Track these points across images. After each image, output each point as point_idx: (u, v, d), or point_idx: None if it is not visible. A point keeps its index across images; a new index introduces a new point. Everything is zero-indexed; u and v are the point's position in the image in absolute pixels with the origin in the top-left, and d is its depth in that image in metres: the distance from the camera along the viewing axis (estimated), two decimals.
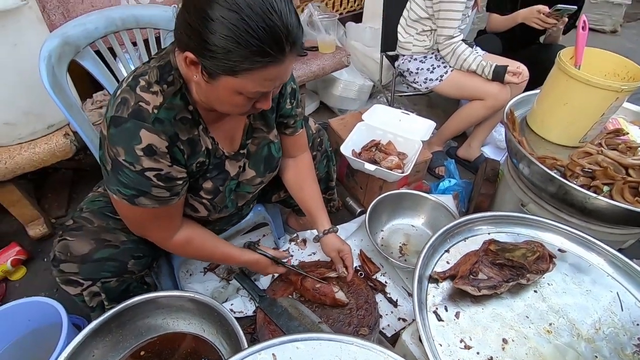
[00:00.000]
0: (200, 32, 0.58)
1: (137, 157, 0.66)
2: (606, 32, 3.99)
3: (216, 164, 0.84)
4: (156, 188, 0.71)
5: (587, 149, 1.04)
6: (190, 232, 0.88)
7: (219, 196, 0.87)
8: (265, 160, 0.94)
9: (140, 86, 0.68)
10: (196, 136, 0.77)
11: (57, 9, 1.35)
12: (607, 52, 1.15)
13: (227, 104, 0.69)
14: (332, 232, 1.09)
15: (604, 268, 0.89)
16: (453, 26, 1.60)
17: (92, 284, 0.82)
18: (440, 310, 0.79)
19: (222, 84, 0.63)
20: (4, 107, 1.14)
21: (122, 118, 0.66)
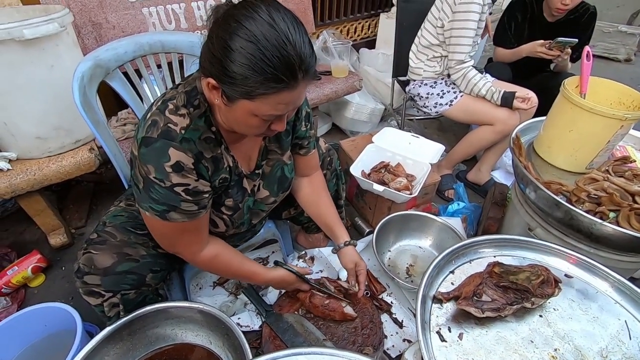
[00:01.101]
0: (221, 60, 0.64)
1: (166, 173, 0.72)
2: (620, 60, 4.00)
3: (236, 180, 0.90)
4: (185, 202, 0.76)
5: (593, 175, 1.05)
6: (217, 248, 0.92)
7: (238, 212, 0.92)
8: (279, 181, 0.99)
9: (169, 109, 0.74)
10: (219, 154, 0.83)
11: (90, 34, 1.46)
12: (612, 82, 1.18)
13: (244, 125, 0.74)
14: (351, 245, 1.12)
15: (611, 295, 0.88)
16: (464, 51, 1.65)
17: (113, 296, 0.86)
18: (443, 330, 0.79)
19: (239, 107, 0.69)
20: (37, 123, 1.22)
21: (152, 138, 0.72)
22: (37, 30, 1.08)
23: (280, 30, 0.62)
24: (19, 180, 1.22)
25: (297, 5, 2.06)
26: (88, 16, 1.44)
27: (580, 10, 1.81)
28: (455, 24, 1.62)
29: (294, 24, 0.64)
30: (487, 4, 1.62)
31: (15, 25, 1.04)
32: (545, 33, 1.79)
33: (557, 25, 1.83)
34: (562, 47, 1.69)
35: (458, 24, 1.61)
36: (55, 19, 1.13)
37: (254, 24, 0.61)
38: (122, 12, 1.52)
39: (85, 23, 1.44)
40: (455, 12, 1.60)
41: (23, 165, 1.25)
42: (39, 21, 1.08)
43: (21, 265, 1.35)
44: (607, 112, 1.01)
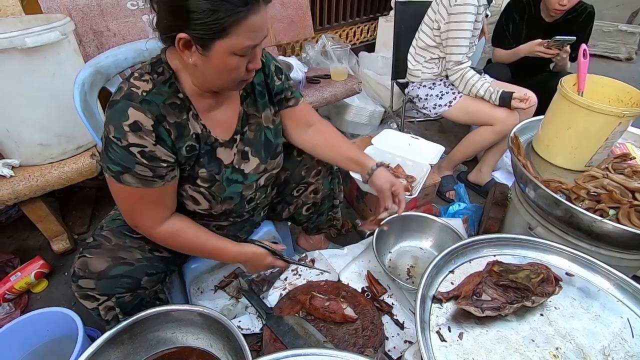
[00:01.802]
0: (181, 5, 0.65)
1: (124, 132, 0.73)
2: (621, 59, 3.99)
3: (207, 150, 0.88)
4: (139, 165, 0.76)
5: (592, 173, 1.04)
6: (180, 224, 0.90)
7: (216, 185, 0.90)
8: (265, 145, 0.98)
9: (134, 77, 0.78)
10: (184, 120, 0.82)
11: (92, 42, 1.49)
12: (610, 79, 1.18)
13: (225, 70, 0.75)
14: (382, 166, 1.08)
15: (613, 293, 0.87)
16: (461, 52, 1.66)
17: (108, 299, 0.87)
18: (443, 330, 0.79)
19: (216, 51, 0.70)
20: (39, 130, 1.24)
21: (115, 100, 0.75)
22: (39, 39, 1.10)
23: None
24: (22, 186, 1.23)
25: (296, 11, 2.08)
26: (89, 24, 1.46)
27: (578, 9, 1.81)
28: (452, 26, 1.63)
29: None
30: (482, 5, 1.63)
31: (17, 34, 1.06)
32: (543, 33, 1.80)
33: (555, 25, 1.84)
34: (561, 46, 1.69)
35: (454, 25, 1.62)
36: (56, 28, 1.14)
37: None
38: (123, 19, 1.54)
39: (86, 31, 1.46)
40: (451, 13, 1.61)
41: (25, 171, 1.27)
42: (41, 30, 1.10)
43: (24, 271, 1.36)
44: (604, 110, 1.01)
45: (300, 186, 1.20)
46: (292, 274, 1.33)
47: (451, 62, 1.71)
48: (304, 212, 1.27)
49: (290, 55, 2.34)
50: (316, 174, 1.19)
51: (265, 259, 1.05)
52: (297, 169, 1.16)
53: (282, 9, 2.02)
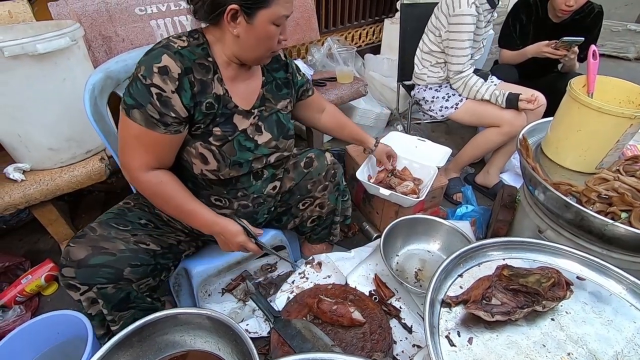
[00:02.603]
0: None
1: (151, 72, 0.80)
2: (630, 59, 3.94)
3: (224, 113, 0.94)
4: (151, 106, 0.81)
5: (603, 175, 1.03)
6: (165, 177, 0.91)
7: (227, 145, 0.94)
8: (277, 125, 1.04)
9: (172, 36, 0.88)
10: (209, 79, 0.89)
11: (101, 47, 1.50)
12: (620, 80, 1.16)
13: (265, 39, 0.86)
14: (380, 143, 1.46)
15: (626, 298, 0.86)
16: (461, 62, 1.66)
17: (89, 289, 0.88)
18: (452, 335, 0.78)
19: (259, 19, 0.82)
20: (50, 135, 1.26)
21: (153, 49, 0.84)
22: (49, 45, 1.11)
23: None
24: (33, 190, 1.25)
25: (302, 14, 2.08)
26: (98, 30, 1.48)
27: (586, 10, 1.79)
28: (451, 35, 1.63)
29: None
30: (485, 10, 1.62)
31: (28, 41, 1.07)
32: (550, 34, 1.78)
33: (562, 26, 1.82)
34: (569, 47, 1.68)
35: (453, 35, 1.62)
36: (66, 34, 1.16)
37: None
38: (131, 25, 1.56)
39: (95, 37, 1.48)
40: (450, 23, 1.62)
41: (36, 176, 1.28)
42: (51, 36, 1.12)
43: (35, 274, 1.38)
44: (615, 111, 1.00)
45: (306, 200, 1.22)
46: (299, 277, 1.33)
47: (452, 71, 1.72)
48: (309, 224, 1.30)
49: (296, 58, 2.35)
50: (323, 189, 1.20)
51: (237, 236, 1.00)
52: (303, 181, 1.18)
53: None
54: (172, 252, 1.05)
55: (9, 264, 1.42)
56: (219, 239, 1.02)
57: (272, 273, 1.45)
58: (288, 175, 1.18)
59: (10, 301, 1.31)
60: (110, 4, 1.49)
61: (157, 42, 0.87)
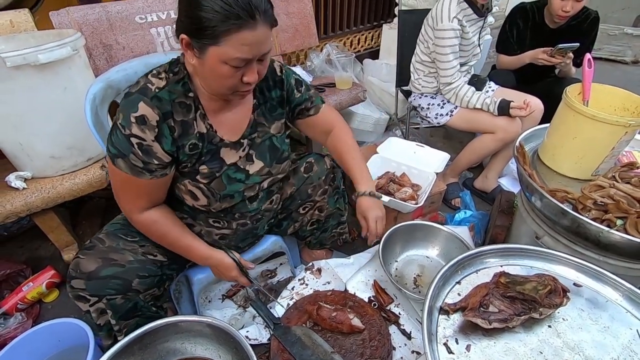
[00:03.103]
0: (187, 11, 0.72)
1: (129, 122, 0.79)
2: (627, 62, 3.97)
3: (210, 149, 0.92)
4: (134, 155, 0.81)
5: (599, 182, 1.04)
6: (159, 215, 0.92)
7: (215, 181, 0.94)
8: (270, 150, 1.02)
9: (152, 74, 0.85)
10: (191, 120, 0.87)
11: (101, 56, 1.52)
12: (615, 88, 1.17)
13: (217, 76, 0.78)
14: (365, 196, 1.08)
15: (622, 304, 0.87)
16: (448, 74, 1.69)
17: (98, 300, 0.89)
18: (450, 342, 0.79)
19: (209, 56, 0.75)
20: (52, 143, 1.27)
21: (131, 92, 0.82)
22: (51, 55, 1.12)
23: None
24: (34, 198, 1.26)
25: (301, 20, 2.10)
26: (99, 38, 1.50)
27: (582, 15, 1.81)
28: (436, 49, 1.67)
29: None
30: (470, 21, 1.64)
31: (30, 51, 1.09)
32: (547, 39, 1.80)
33: (559, 31, 1.84)
34: (564, 53, 1.69)
35: (438, 49, 1.66)
36: (68, 43, 1.17)
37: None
38: (131, 33, 1.57)
39: (96, 45, 1.49)
40: (435, 37, 1.65)
41: (38, 183, 1.29)
42: (53, 46, 1.13)
43: (36, 281, 1.38)
44: (610, 119, 1.01)
45: (307, 204, 1.22)
46: (299, 284, 1.34)
47: (441, 83, 1.74)
48: (308, 228, 1.30)
49: (295, 64, 2.36)
50: (322, 193, 1.21)
51: (230, 271, 1.04)
52: (303, 185, 1.19)
53: (286, 18, 2.05)
54: (177, 263, 1.06)
55: (10, 271, 1.42)
56: (213, 270, 1.06)
57: (272, 279, 1.45)
58: (289, 181, 1.19)
59: (12, 308, 1.32)
60: (111, 13, 1.51)
61: (136, 82, 0.84)
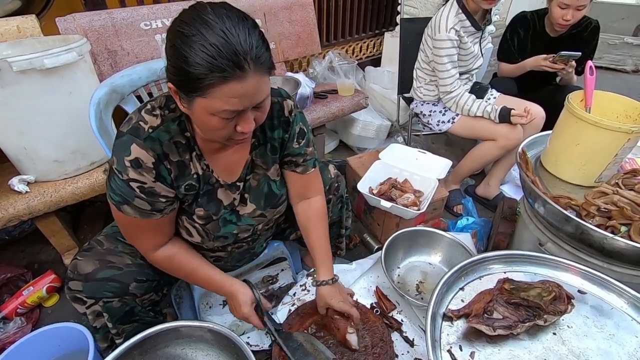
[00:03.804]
0: (172, 61, 0.66)
1: (125, 167, 0.74)
2: (627, 71, 3.99)
3: (207, 190, 0.89)
4: (139, 199, 0.77)
5: (602, 189, 1.04)
6: (175, 250, 0.91)
7: (212, 223, 0.92)
8: (266, 196, 0.98)
9: (145, 109, 0.78)
10: (187, 160, 0.82)
11: (106, 61, 1.53)
12: (617, 95, 1.18)
13: (207, 127, 0.72)
14: (325, 285, 1.04)
15: (627, 312, 0.86)
16: (447, 83, 1.70)
17: (95, 303, 0.88)
18: (454, 349, 0.78)
19: (196, 107, 0.68)
20: (55, 147, 1.27)
21: (122, 132, 0.76)
22: (56, 60, 1.14)
23: (222, 24, 0.63)
24: (37, 202, 1.26)
25: (303, 28, 2.13)
26: (104, 44, 1.51)
27: (583, 24, 1.83)
28: (435, 59, 1.68)
29: (238, 19, 0.65)
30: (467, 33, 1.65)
31: (36, 56, 1.10)
32: (548, 48, 1.81)
33: (560, 40, 1.85)
34: (566, 60, 1.70)
35: (436, 58, 1.67)
36: (73, 49, 1.18)
37: (198, 21, 0.63)
38: (136, 39, 1.59)
39: (101, 51, 1.51)
40: (433, 47, 1.66)
41: (40, 187, 1.30)
42: (59, 51, 1.14)
43: (36, 286, 1.38)
44: (612, 126, 1.01)
45: None
46: (300, 290, 1.33)
47: (441, 92, 1.76)
48: None
49: (298, 71, 2.38)
50: (327, 202, 1.19)
51: (243, 307, 0.96)
52: None
53: (289, 26, 2.07)
54: None
55: (10, 275, 1.42)
56: (229, 302, 1.02)
57: (274, 285, 1.44)
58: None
59: (12, 313, 1.31)
60: (116, 19, 1.53)
61: (127, 118, 0.78)
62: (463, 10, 1.61)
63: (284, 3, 2.01)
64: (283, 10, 2.01)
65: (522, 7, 2.07)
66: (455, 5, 1.60)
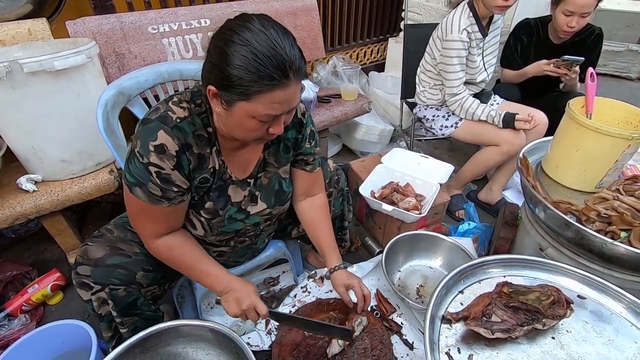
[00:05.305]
0: (218, 65, 0.70)
1: (148, 150, 0.77)
2: (632, 79, 3.98)
3: (219, 186, 0.92)
4: (152, 184, 0.80)
5: (603, 195, 1.04)
6: (176, 241, 0.92)
7: (217, 219, 0.94)
8: (276, 193, 1.02)
9: (172, 101, 0.82)
10: (207, 154, 0.86)
11: (114, 64, 1.56)
12: (618, 102, 1.18)
13: (243, 129, 0.78)
14: (339, 269, 1.10)
15: (627, 317, 0.86)
16: (454, 85, 1.70)
17: (101, 289, 0.89)
18: (453, 352, 0.79)
19: (237, 110, 0.74)
20: (63, 148, 1.30)
21: (149, 119, 0.79)
22: (66, 62, 1.16)
23: (270, 35, 0.69)
24: (44, 201, 1.28)
25: (308, 33, 2.15)
26: (112, 47, 1.54)
27: (586, 32, 1.83)
28: (444, 60, 1.68)
29: (282, 31, 0.71)
30: (477, 39, 1.66)
31: (46, 58, 1.13)
32: (551, 55, 1.82)
33: (563, 47, 1.86)
34: (570, 66, 1.71)
35: (445, 59, 1.67)
36: (83, 51, 1.21)
37: (246, 31, 0.69)
38: (144, 42, 1.62)
39: (109, 54, 1.54)
40: (443, 47, 1.67)
41: (47, 186, 1.32)
42: (68, 53, 1.17)
43: (41, 284, 1.40)
44: (613, 132, 1.02)
45: None
46: (301, 291, 1.34)
47: (447, 94, 1.76)
48: None
49: None
50: (328, 196, 1.21)
51: (251, 294, 0.96)
52: None
53: (294, 31, 2.08)
54: None
55: (16, 272, 1.44)
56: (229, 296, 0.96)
57: (275, 287, 1.45)
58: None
59: (16, 310, 1.33)
60: (124, 23, 1.56)
61: (154, 108, 0.82)
62: (473, 14, 1.62)
63: (289, 8, 2.04)
64: (288, 15, 2.04)
65: (527, 14, 2.08)
66: (466, 8, 1.62)
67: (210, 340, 1.00)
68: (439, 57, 1.71)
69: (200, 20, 1.75)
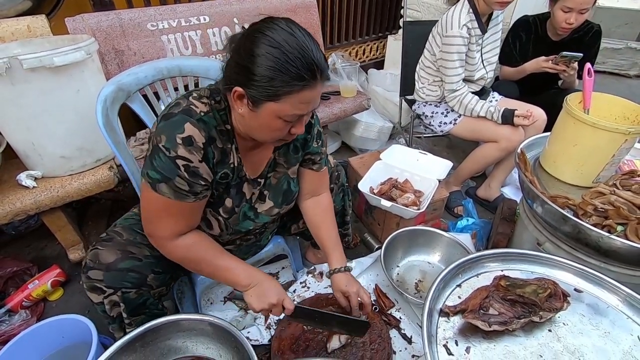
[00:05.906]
0: (248, 67, 0.71)
1: (175, 143, 0.76)
2: (631, 76, 3.99)
3: (237, 182, 0.93)
4: (180, 178, 0.78)
5: (600, 189, 1.05)
6: (195, 239, 0.90)
7: (233, 217, 0.95)
8: (284, 193, 1.03)
9: (192, 96, 0.82)
10: (228, 149, 0.87)
11: (113, 60, 1.57)
12: (615, 97, 1.19)
13: (268, 129, 0.79)
14: (339, 272, 1.05)
15: (623, 310, 0.87)
16: (453, 81, 1.71)
17: (114, 293, 0.89)
18: (450, 344, 0.80)
19: (265, 110, 0.75)
20: (63, 144, 1.30)
21: (173, 114, 0.78)
22: (65, 58, 1.16)
23: (299, 37, 0.71)
24: (43, 197, 1.29)
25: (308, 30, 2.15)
26: (111, 44, 1.55)
27: (585, 29, 1.84)
28: (443, 55, 1.69)
29: (307, 34, 0.74)
30: (475, 36, 1.66)
31: (46, 54, 1.13)
32: (550, 52, 1.82)
33: (561, 44, 1.86)
34: (568, 62, 1.71)
35: (445, 55, 1.68)
36: (82, 48, 1.21)
37: (275, 33, 0.71)
38: (143, 39, 1.62)
39: (108, 50, 1.54)
40: (443, 43, 1.67)
41: (47, 183, 1.32)
42: (68, 50, 1.17)
43: (41, 280, 1.40)
44: (610, 127, 1.03)
45: None
46: (300, 287, 1.35)
47: (446, 90, 1.76)
48: None
49: None
50: None
51: (279, 289, 0.93)
52: None
53: None
54: None
55: (16, 269, 1.45)
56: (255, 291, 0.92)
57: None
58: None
59: (17, 306, 1.34)
60: (124, 20, 1.56)
61: (175, 103, 0.81)
62: (473, 10, 1.63)
63: (288, 5, 2.04)
64: (287, 12, 2.04)
65: (526, 11, 2.08)
66: (466, 4, 1.62)
67: (210, 335, 1.00)
68: (439, 53, 1.71)
69: (199, 17, 1.76)
